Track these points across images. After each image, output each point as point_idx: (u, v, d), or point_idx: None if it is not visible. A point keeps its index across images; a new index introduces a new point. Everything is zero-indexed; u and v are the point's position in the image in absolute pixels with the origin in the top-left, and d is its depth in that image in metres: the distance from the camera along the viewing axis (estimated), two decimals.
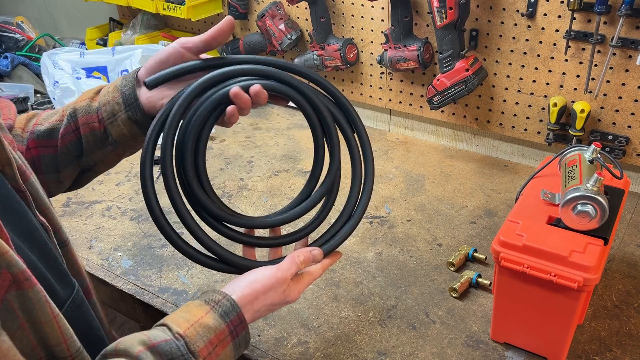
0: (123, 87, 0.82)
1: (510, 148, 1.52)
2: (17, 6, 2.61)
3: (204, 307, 0.70)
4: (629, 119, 1.29)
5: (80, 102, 0.85)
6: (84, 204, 1.37)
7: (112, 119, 0.82)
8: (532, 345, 0.92)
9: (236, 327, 0.71)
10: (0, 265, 0.53)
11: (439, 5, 1.29)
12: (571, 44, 1.29)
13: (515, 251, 0.84)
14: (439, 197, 1.35)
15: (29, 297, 0.56)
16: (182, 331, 0.66)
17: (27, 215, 0.66)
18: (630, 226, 1.23)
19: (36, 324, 0.58)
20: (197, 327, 0.67)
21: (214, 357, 0.68)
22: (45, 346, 0.59)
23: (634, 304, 1.01)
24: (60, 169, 0.87)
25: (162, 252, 1.19)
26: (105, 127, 0.83)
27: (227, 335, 0.70)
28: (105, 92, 0.84)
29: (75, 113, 0.84)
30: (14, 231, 0.59)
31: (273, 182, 1.44)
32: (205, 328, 0.68)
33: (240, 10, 1.74)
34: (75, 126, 0.84)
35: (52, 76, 1.59)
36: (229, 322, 0.70)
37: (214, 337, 0.68)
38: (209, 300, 0.71)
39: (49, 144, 0.85)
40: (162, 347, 0.63)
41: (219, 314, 0.70)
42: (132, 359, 0.61)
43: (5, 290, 0.54)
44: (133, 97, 0.81)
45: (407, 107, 1.61)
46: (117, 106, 0.82)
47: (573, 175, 0.88)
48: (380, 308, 1.02)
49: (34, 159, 0.85)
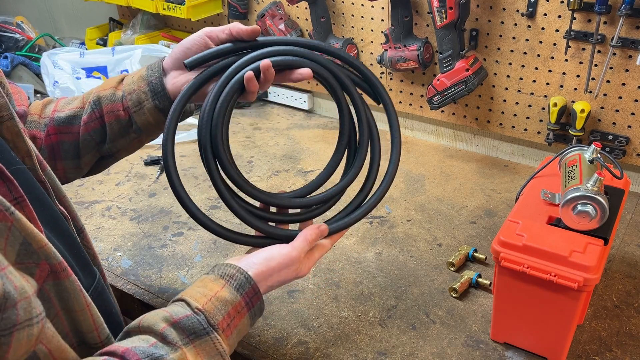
0: (149, 76, 0.86)
1: (510, 148, 1.52)
2: (17, 6, 2.61)
3: (220, 282, 0.72)
4: (629, 119, 1.29)
5: (104, 91, 0.88)
6: (84, 203, 1.37)
7: (138, 107, 0.86)
8: (532, 345, 0.91)
9: (251, 298, 0.73)
10: (39, 256, 0.55)
11: (439, 5, 1.29)
12: (571, 44, 1.29)
13: (515, 251, 0.84)
14: (439, 197, 1.35)
15: (65, 287, 0.58)
16: (201, 306, 0.68)
17: (50, 205, 0.67)
18: (630, 226, 1.23)
19: (70, 312, 0.60)
20: (215, 301, 0.69)
21: (232, 328, 0.70)
22: (77, 333, 0.62)
23: (634, 304, 1.01)
24: (82, 155, 0.89)
25: (162, 252, 1.19)
26: (131, 115, 0.86)
27: (244, 306, 0.72)
28: (130, 82, 0.87)
29: (100, 101, 0.87)
30: (42, 222, 0.60)
31: (273, 182, 1.44)
32: (223, 302, 0.70)
33: (240, 10, 1.74)
34: (100, 114, 0.87)
35: (52, 76, 1.59)
36: (244, 294, 0.72)
37: (231, 309, 0.70)
38: (223, 274, 0.73)
39: (70, 130, 0.88)
40: (184, 322, 0.65)
41: (234, 287, 0.72)
42: (157, 335, 0.63)
43: (43, 280, 0.56)
44: (160, 86, 0.85)
45: (407, 107, 1.61)
46: (143, 95, 0.85)
47: (573, 175, 0.88)
48: (380, 308, 1.02)
49: (53, 145, 0.88)
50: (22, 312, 0.49)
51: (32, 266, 0.55)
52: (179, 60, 0.85)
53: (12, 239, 0.53)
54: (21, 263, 0.54)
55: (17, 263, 0.53)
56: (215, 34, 0.84)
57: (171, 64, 0.86)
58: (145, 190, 1.42)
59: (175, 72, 0.86)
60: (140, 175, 1.49)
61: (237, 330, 0.71)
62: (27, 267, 0.54)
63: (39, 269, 0.55)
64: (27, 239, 0.54)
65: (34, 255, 0.55)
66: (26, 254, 0.54)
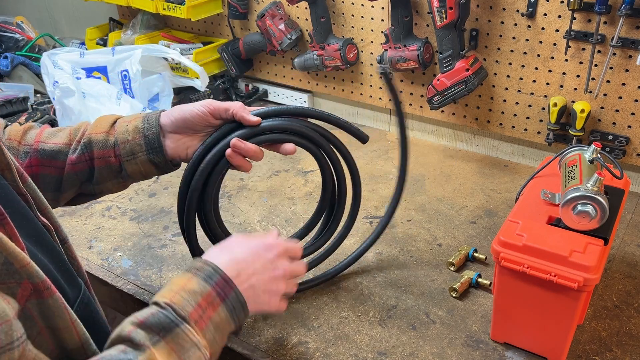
0: (146, 130, 0.88)
1: (510, 148, 1.52)
2: (17, 6, 2.61)
3: (186, 275, 0.70)
4: (629, 119, 1.29)
5: (96, 135, 0.88)
6: (84, 204, 1.36)
7: (131, 157, 0.88)
8: (532, 345, 0.91)
9: (223, 288, 0.70)
10: (22, 276, 0.55)
11: (439, 5, 1.29)
12: (571, 44, 1.29)
13: (515, 251, 0.84)
14: (439, 197, 1.35)
15: (49, 305, 0.58)
16: (168, 300, 0.65)
17: (33, 218, 0.66)
18: (630, 226, 1.23)
19: (55, 330, 0.59)
20: (182, 293, 0.67)
21: (206, 320, 0.67)
22: (63, 350, 0.61)
23: (634, 304, 1.01)
24: (63, 190, 0.90)
25: (162, 252, 1.19)
26: (122, 162, 0.88)
27: (215, 297, 0.69)
28: (124, 130, 0.88)
29: (91, 144, 0.88)
30: (24, 235, 0.60)
31: (273, 182, 1.44)
32: (190, 292, 0.67)
33: (240, 10, 1.74)
34: (90, 157, 0.88)
35: (52, 76, 1.59)
36: (213, 285, 0.69)
37: (201, 300, 0.67)
38: (189, 268, 0.72)
39: (53, 165, 0.88)
40: (150, 320, 0.63)
41: (202, 279, 0.69)
42: (126, 340, 0.61)
43: (25, 299, 0.55)
44: (157, 142, 0.88)
45: (407, 107, 1.61)
46: (137, 147, 0.88)
47: (573, 175, 0.88)
48: (380, 308, 1.02)
49: (33, 175, 0.86)
50: (2, 336, 0.48)
51: (14, 286, 0.54)
52: (179, 128, 0.88)
53: None
54: (2, 283, 0.53)
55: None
56: (219, 113, 0.88)
57: (170, 126, 0.89)
58: (145, 190, 1.42)
59: (175, 135, 0.89)
60: None
61: (212, 323, 0.68)
62: (9, 286, 0.54)
63: (21, 288, 0.55)
64: (8, 258, 0.53)
65: (15, 275, 0.54)
66: (7, 273, 0.53)
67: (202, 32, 1.97)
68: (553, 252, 0.81)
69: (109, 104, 1.54)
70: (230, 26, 1.83)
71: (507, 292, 0.88)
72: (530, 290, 0.85)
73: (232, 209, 1.33)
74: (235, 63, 1.81)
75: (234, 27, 1.83)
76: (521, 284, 0.85)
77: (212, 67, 1.85)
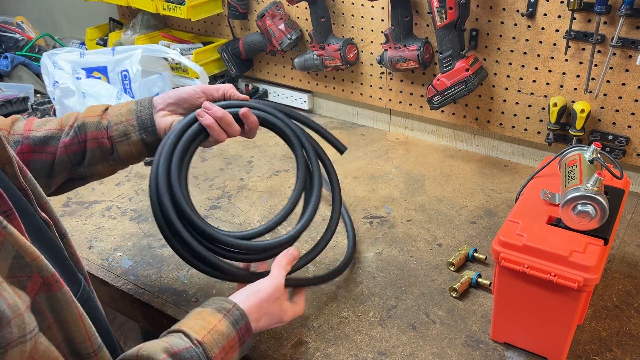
0: (139, 112, 0.93)
1: (510, 148, 1.52)
2: (17, 6, 2.61)
3: (217, 315, 0.76)
4: (629, 119, 1.29)
5: (89, 118, 0.92)
6: (84, 204, 1.37)
7: (124, 138, 0.92)
8: (532, 345, 0.91)
9: (244, 334, 0.77)
10: (32, 269, 0.55)
11: (439, 5, 1.29)
12: (571, 44, 1.29)
13: (515, 251, 0.84)
14: (439, 197, 1.35)
15: (58, 299, 0.58)
16: (201, 338, 0.71)
17: (33, 213, 0.67)
18: (630, 226, 1.23)
19: (63, 324, 0.60)
20: (214, 334, 0.72)
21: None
22: (70, 344, 0.61)
23: (634, 304, 1.01)
24: (55, 175, 0.92)
25: (162, 252, 1.19)
26: (114, 144, 0.92)
27: (237, 341, 0.76)
28: (117, 113, 0.93)
29: (85, 127, 0.92)
30: (26, 231, 0.60)
31: (273, 182, 1.44)
32: (220, 335, 0.73)
33: (240, 10, 1.74)
34: (83, 138, 0.91)
35: (52, 76, 1.59)
36: (238, 329, 0.76)
37: (226, 343, 0.74)
38: (220, 308, 0.77)
39: (45, 150, 0.91)
40: (183, 354, 0.68)
41: (230, 322, 0.76)
42: None
43: (35, 293, 0.56)
44: (150, 122, 0.92)
45: (407, 107, 1.61)
46: (130, 127, 0.92)
47: (573, 175, 0.88)
48: (380, 308, 1.02)
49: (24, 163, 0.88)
50: (15, 330, 0.49)
51: (25, 279, 0.54)
52: (171, 105, 0.94)
53: (4, 254, 0.52)
54: (13, 276, 0.53)
55: (9, 277, 0.53)
56: (210, 92, 0.94)
57: (162, 103, 0.94)
58: (145, 190, 1.42)
59: (163, 112, 0.94)
60: (140, 175, 1.49)
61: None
62: (20, 280, 0.54)
63: (31, 281, 0.55)
64: (20, 252, 0.54)
65: (26, 269, 0.54)
66: (18, 267, 0.54)
67: (202, 32, 1.97)
68: (553, 252, 0.81)
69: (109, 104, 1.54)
70: (230, 26, 1.83)
71: (507, 292, 0.88)
72: (530, 290, 0.85)
73: (232, 209, 1.33)
74: (235, 63, 1.81)
75: (234, 27, 1.83)
76: (521, 284, 0.85)
77: (212, 67, 1.85)
